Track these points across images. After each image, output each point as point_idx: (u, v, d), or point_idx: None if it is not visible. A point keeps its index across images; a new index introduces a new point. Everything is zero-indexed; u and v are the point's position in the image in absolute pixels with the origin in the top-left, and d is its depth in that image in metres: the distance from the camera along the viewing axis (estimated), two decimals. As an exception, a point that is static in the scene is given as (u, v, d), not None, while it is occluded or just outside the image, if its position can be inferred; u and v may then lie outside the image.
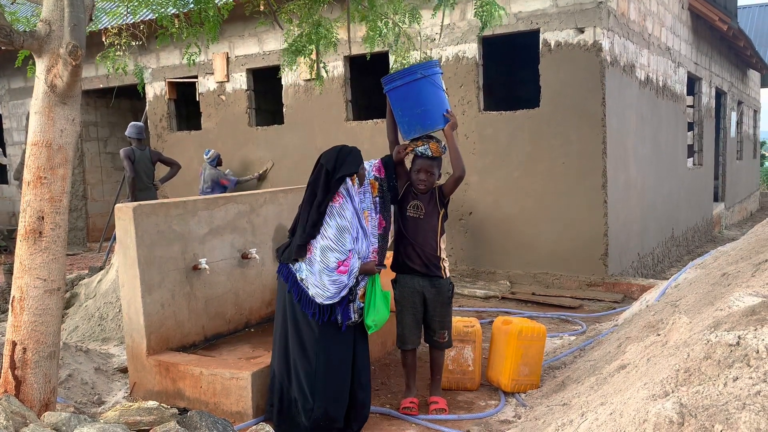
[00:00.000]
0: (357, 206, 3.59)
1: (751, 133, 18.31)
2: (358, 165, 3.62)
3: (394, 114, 4.03)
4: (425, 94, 3.92)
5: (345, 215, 3.49)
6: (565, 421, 2.79)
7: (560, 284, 7.28)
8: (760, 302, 2.54)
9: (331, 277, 3.44)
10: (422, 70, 3.91)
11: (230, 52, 9.47)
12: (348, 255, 3.47)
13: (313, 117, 8.83)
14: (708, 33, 11.77)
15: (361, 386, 3.68)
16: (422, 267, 3.93)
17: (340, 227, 3.46)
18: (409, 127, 3.95)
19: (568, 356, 4.80)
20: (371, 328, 3.62)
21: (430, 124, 3.93)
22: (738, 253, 4.62)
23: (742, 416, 1.78)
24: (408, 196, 4.01)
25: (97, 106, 12.11)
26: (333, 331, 3.57)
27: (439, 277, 3.96)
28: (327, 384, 3.55)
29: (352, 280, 3.52)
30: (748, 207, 17.51)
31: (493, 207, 7.64)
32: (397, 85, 3.94)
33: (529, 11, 7.26)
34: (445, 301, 4.00)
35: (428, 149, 3.90)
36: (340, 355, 3.60)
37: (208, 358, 4.26)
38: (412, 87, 3.90)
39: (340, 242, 3.45)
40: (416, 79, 3.90)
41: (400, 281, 4.02)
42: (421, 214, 3.95)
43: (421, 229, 3.94)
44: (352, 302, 3.58)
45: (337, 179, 3.51)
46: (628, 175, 7.83)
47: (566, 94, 7.10)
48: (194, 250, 4.53)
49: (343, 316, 3.56)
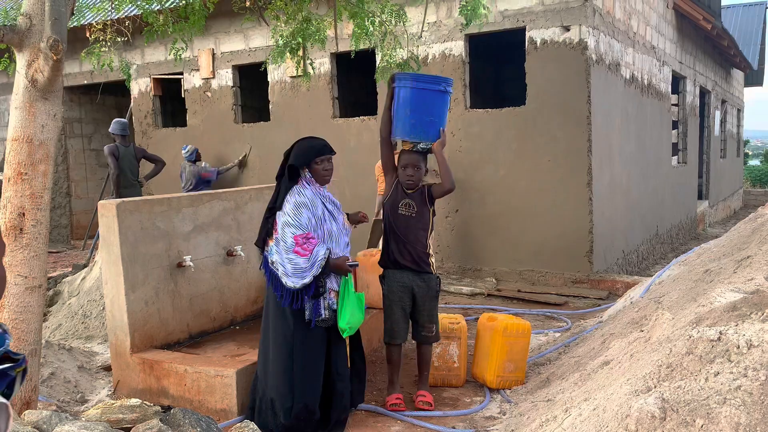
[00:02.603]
0: (319, 194, 3.63)
1: (734, 131, 18.50)
2: (308, 158, 3.63)
3: (399, 111, 4.04)
4: (439, 106, 4.04)
5: (305, 194, 3.56)
6: (549, 417, 2.81)
7: (546, 281, 7.31)
8: (741, 298, 2.56)
9: (289, 256, 3.48)
10: (447, 85, 4.08)
11: (216, 49, 9.41)
12: (306, 233, 3.47)
13: (299, 114, 8.80)
14: (692, 32, 11.87)
15: (339, 376, 3.66)
16: (412, 263, 3.99)
17: (297, 203, 3.52)
18: (412, 129, 4.00)
19: (553, 353, 4.82)
20: (345, 331, 3.58)
21: (430, 135, 4.02)
22: (720, 250, 4.66)
23: (723, 410, 1.79)
24: (398, 194, 4.05)
25: (81, 102, 11.99)
26: (307, 323, 3.57)
27: (428, 273, 4.03)
28: (304, 377, 3.54)
29: (317, 269, 3.45)
30: (731, 205, 17.69)
31: (479, 204, 7.66)
32: (420, 87, 4.00)
33: (515, 9, 7.28)
34: (433, 295, 4.06)
35: (429, 144, 4.00)
36: (315, 347, 3.57)
37: (192, 355, 4.23)
38: (432, 95, 4.01)
39: (296, 217, 3.50)
40: (440, 90, 4.04)
41: (389, 276, 4.06)
42: (413, 212, 4.01)
43: (413, 227, 4.00)
44: (322, 297, 3.53)
45: (289, 166, 3.61)
46: (613, 173, 7.88)
47: (552, 92, 7.13)
48: (179, 247, 4.50)
49: (313, 312, 3.53)
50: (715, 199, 15.07)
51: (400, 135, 4.06)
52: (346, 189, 7.95)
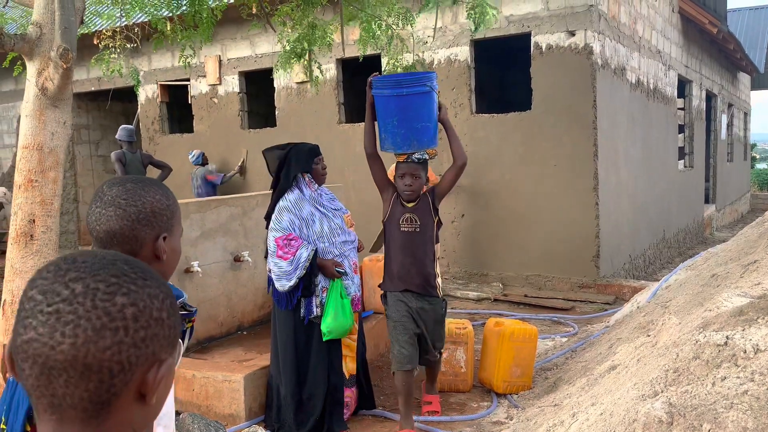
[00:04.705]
0: (312, 195, 3.70)
1: (741, 135, 18.44)
2: (309, 162, 3.71)
3: (384, 122, 3.60)
4: (428, 108, 3.56)
5: (288, 198, 3.64)
6: (556, 422, 2.81)
7: (552, 286, 7.30)
8: (747, 303, 2.57)
9: (274, 260, 3.59)
10: (430, 82, 3.54)
11: (222, 55, 9.46)
12: (286, 234, 3.56)
13: (305, 120, 8.83)
14: (698, 36, 11.85)
15: (334, 371, 3.74)
16: (417, 286, 3.63)
17: (279, 207, 3.63)
18: (403, 140, 3.55)
19: (560, 357, 4.82)
20: (325, 335, 3.62)
21: (426, 142, 3.58)
22: (727, 255, 4.65)
23: (730, 415, 1.80)
24: (397, 210, 3.65)
25: (88, 108, 12.07)
26: (302, 320, 3.69)
27: (435, 296, 3.71)
28: (308, 372, 3.67)
29: (301, 271, 3.54)
30: (738, 209, 17.62)
31: (485, 209, 7.66)
32: (401, 93, 3.51)
33: (520, 14, 7.30)
34: (440, 319, 3.77)
35: (425, 153, 3.60)
36: (316, 343, 3.67)
37: (200, 360, 4.25)
38: (418, 99, 3.52)
39: (277, 221, 3.61)
40: (425, 92, 3.52)
41: (392, 299, 3.69)
42: (416, 227, 3.61)
43: (418, 243, 3.62)
44: (314, 295, 3.63)
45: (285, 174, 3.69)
46: (619, 177, 7.87)
47: (558, 97, 7.14)
48: (186, 252, 4.52)
49: (306, 310, 3.64)
50: (722, 203, 15.02)
51: (391, 148, 3.63)
52: (352, 194, 7.97)
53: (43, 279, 0.75)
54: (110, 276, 0.75)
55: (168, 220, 1.38)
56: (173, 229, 1.41)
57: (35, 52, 3.23)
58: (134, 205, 1.33)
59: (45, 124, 3.23)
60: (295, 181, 3.68)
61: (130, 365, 0.74)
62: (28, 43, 3.22)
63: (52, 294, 0.73)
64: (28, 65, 3.29)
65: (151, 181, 1.42)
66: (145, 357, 0.75)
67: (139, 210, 1.33)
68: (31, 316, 0.73)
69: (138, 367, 0.75)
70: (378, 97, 3.60)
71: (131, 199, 1.34)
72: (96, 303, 0.73)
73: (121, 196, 1.34)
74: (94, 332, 0.72)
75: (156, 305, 0.77)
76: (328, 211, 3.74)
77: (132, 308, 0.74)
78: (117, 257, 0.79)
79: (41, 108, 3.23)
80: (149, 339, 0.75)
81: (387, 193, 3.70)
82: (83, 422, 0.74)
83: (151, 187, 1.38)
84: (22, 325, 0.74)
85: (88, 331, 0.72)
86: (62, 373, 0.72)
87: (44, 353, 0.72)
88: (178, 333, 0.82)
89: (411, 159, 3.59)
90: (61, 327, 0.71)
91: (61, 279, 0.74)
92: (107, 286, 0.74)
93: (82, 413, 0.74)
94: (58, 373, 0.72)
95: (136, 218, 1.33)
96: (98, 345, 0.72)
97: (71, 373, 0.72)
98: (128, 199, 1.34)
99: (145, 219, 1.34)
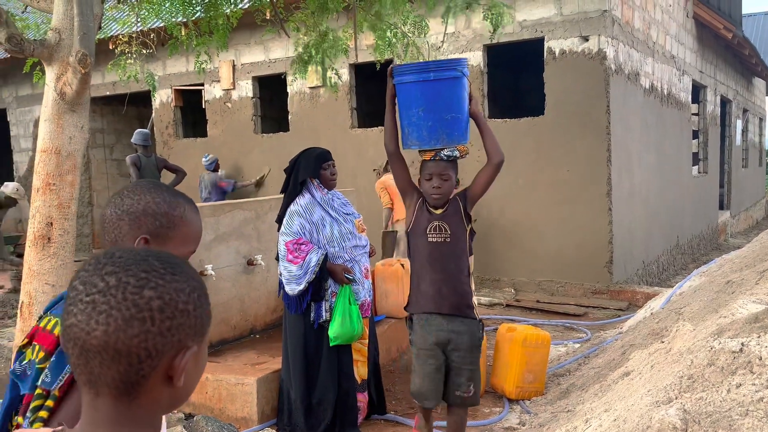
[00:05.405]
0: (323, 200, 3.72)
1: (756, 141, 18.28)
2: (317, 167, 3.72)
3: (408, 113, 3.11)
4: (458, 97, 3.08)
5: (299, 203, 3.66)
6: (569, 428, 2.80)
7: (565, 292, 7.27)
8: (763, 309, 2.55)
9: (284, 264, 3.62)
10: (461, 67, 3.07)
11: (236, 60, 9.53)
12: (297, 239, 3.58)
13: (318, 124, 8.87)
14: (713, 41, 11.79)
15: (345, 375, 3.74)
16: (451, 308, 3.08)
17: (290, 212, 3.66)
18: (430, 134, 3.06)
19: (573, 363, 4.80)
20: (332, 340, 3.64)
21: (457, 136, 3.10)
22: (742, 261, 4.62)
23: (745, 422, 1.79)
24: (423, 217, 3.12)
25: (103, 113, 12.18)
26: (312, 324, 3.71)
27: (471, 318, 3.16)
28: (319, 376, 3.68)
29: (310, 276, 3.56)
30: (753, 215, 17.47)
31: (497, 214, 7.65)
32: (428, 79, 3.04)
33: (533, 19, 7.30)
34: (476, 344, 3.17)
35: (455, 150, 3.12)
36: (326, 348, 3.68)
37: (213, 363, 4.28)
38: (448, 85, 3.06)
39: (288, 224, 3.63)
40: (456, 77, 3.05)
41: (417, 324, 3.14)
42: (446, 237, 3.08)
43: (449, 256, 3.09)
44: (324, 300, 3.65)
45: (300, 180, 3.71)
46: (632, 182, 7.83)
47: (571, 102, 7.12)
48: (200, 256, 4.55)
49: (316, 314, 3.66)
50: (736, 209, 14.89)
51: (416, 143, 3.12)
52: (364, 199, 7.98)
53: (85, 271, 0.85)
54: (140, 271, 0.83)
55: (159, 227, 1.35)
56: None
57: (54, 58, 3.28)
58: (130, 198, 1.35)
59: (63, 128, 3.27)
60: (305, 186, 3.71)
61: (156, 351, 0.82)
62: (48, 49, 3.27)
63: (90, 285, 0.82)
64: (47, 70, 3.34)
65: (164, 188, 1.40)
66: (171, 344, 0.83)
67: (132, 203, 1.34)
68: (72, 304, 0.82)
69: (165, 353, 0.83)
70: (400, 85, 3.14)
71: (132, 193, 1.36)
72: (126, 295, 0.81)
73: (128, 188, 1.38)
74: (124, 321, 0.80)
75: (182, 298, 0.84)
76: (340, 215, 3.76)
77: (158, 301, 0.82)
78: (150, 254, 0.86)
79: (59, 112, 3.27)
80: (175, 328, 0.83)
81: (411, 198, 3.19)
82: (116, 398, 0.83)
83: (158, 192, 1.37)
84: (67, 312, 0.83)
85: (119, 320, 0.80)
86: (96, 355, 0.80)
87: (82, 337, 0.81)
88: (207, 322, 0.88)
89: (439, 156, 3.08)
90: (96, 315, 0.80)
91: (99, 272, 0.83)
92: (137, 280, 0.82)
93: (115, 390, 0.82)
94: (93, 355, 0.81)
95: (125, 209, 1.34)
96: (127, 333, 0.80)
97: (104, 356, 0.80)
98: (129, 193, 1.36)
99: (133, 214, 1.34)
